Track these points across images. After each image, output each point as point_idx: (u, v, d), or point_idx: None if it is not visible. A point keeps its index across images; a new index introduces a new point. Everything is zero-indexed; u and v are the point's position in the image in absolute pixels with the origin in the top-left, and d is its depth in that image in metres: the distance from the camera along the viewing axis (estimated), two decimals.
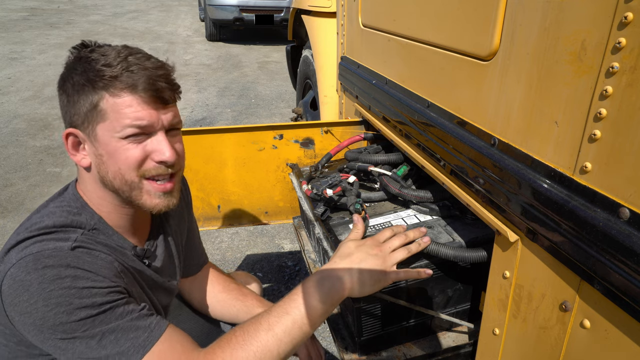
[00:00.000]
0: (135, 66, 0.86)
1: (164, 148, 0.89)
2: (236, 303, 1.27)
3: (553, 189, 0.69)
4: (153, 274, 1.04)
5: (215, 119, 5.10)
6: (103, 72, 0.84)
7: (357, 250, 0.99)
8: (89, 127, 0.87)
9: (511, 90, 0.79)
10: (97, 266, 0.84)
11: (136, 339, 0.82)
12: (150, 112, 0.87)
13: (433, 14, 1.06)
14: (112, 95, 0.84)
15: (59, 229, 0.85)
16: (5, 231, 2.87)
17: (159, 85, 0.87)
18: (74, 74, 0.86)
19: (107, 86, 0.84)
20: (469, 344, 1.20)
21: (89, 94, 0.85)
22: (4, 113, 4.94)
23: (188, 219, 1.26)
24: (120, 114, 0.85)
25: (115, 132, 0.85)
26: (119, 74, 0.84)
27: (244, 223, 1.89)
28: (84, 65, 0.86)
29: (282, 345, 0.87)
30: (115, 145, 0.86)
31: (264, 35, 10.83)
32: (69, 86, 0.87)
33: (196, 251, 1.32)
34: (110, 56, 0.86)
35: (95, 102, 0.85)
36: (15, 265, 0.79)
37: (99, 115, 0.85)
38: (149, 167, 0.90)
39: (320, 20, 2.43)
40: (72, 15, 12.26)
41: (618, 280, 0.58)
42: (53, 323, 0.78)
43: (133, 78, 0.85)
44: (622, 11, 0.55)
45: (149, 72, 0.86)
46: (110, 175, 0.89)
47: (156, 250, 1.08)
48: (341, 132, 1.77)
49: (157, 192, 0.93)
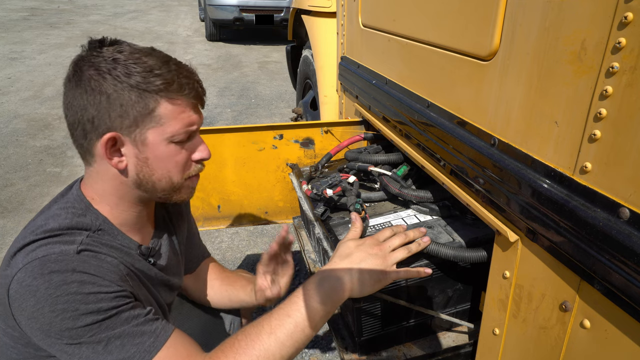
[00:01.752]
0: (182, 72, 0.89)
1: (204, 147, 0.97)
2: (227, 288, 1.30)
3: (553, 189, 0.69)
4: (158, 272, 1.04)
5: (215, 119, 5.10)
6: (155, 76, 0.84)
7: (356, 250, 0.99)
8: (136, 131, 0.86)
9: (511, 90, 0.79)
10: (104, 270, 0.84)
11: (142, 344, 0.83)
12: (197, 116, 0.92)
13: (433, 14, 1.06)
14: (169, 101, 0.86)
15: (64, 231, 0.85)
16: (5, 231, 2.87)
17: (200, 91, 0.93)
18: (116, 76, 0.83)
19: (161, 91, 0.85)
20: (469, 344, 1.20)
21: (144, 98, 0.84)
22: (4, 113, 4.94)
23: (187, 217, 1.27)
24: (176, 119, 0.88)
25: (169, 136, 0.88)
26: (171, 79, 0.86)
27: (244, 223, 1.89)
28: (125, 68, 0.83)
29: (284, 348, 0.87)
30: (165, 149, 0.89)
31: (264, 35, 10.83)
32: (109, 88, 0.83)
33: (196, 248, 1.33)
34: (151, 60, 0.86)
35: (151, 107, 0.85)
36: (22, 270, 0.79)
37: (153, 120, 0.86)
38: (194, 168, 0.97)
39: (320, 20, 2.43)
40: (72, 15, 12.26)
41: (618, 280, 0.58)
42: (59, 328, 0.78)
43: (183, 84, 0.88)
44: (622, 11, 0.55)
45: (192, 78, 0.91)
46: (156, 178, 0.91)
47: (161, 248, 1.08)
48: (341, 132, 1.77)
49: (191, 186, 0.99)
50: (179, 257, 1.17)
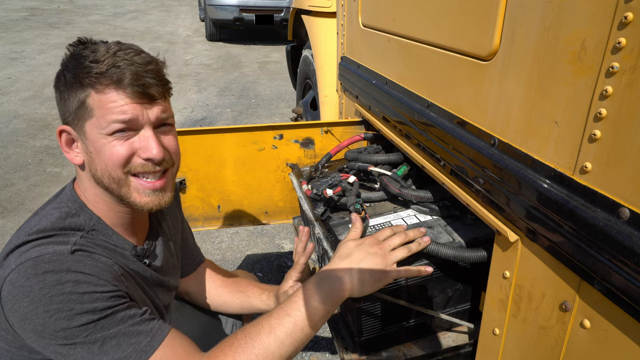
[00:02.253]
0: (122, 62, 0.85)
1: (151, 144, 0.88)
2: (238, 295, 1.29)
3: (553, 189, 0.69)
4: (154, 273, 1.03)
5: (215, 119, 5.10)
6: (90, 68, 0.84)
7: (356, 250, 0.99)
8: (78, 124, 0.87)
9: (511, 90, 0.79)
10: (98, 269, 0.83)
11: (138, 344, 0.82)
12: (134, 106, 0.86)
13: (433, 14, 1.06)
14: (98, 92, 0.84)
15: (57, 231, 0.85)
16: (5, 231, 2.87)
17: (145, 81, 0.86)
18: (66, 72, 0.87)
19: (93, 83, 0.84)
20: (469, 344, 1.20)
21: (77, 91, 0.85)
22: (4, 113, 4.94)
23: (181, 218, 1.27)
24: (104, 109, 0.84)
25: (102, 129, 0.85)
26: (105, 70, 0.84)
27: (244, 223, 1.89)
28: (75, 62, 0.86)
29: (283, 347, 0.87)
30: (102, 142, 0.86)
31: (264, 35, 10.83)
32: (61, 83, 0.87)
33: (191, 250, 1.33)
34: (100, 52, 0.86)
35: (82, 99, 0.85)
36: (14, 271, 0.78)
37: (86, 112, 0.85)
38: (135, 163, 0.89)
39: (320, 20, 2.43)
40: (72, 15, 12.26)
41: (618, 280, 0.57)
42: (54, 329, 0.77)
43: (118, 74, 0.84)
44: (622, 11, 0.55)
45: (136, 67, 0.86)
46: (99, 173, 0.89)
47: (155, 249, 1.08)
48: (341, 132, 1.77)
49: (145, 190, 0.92)
50: (174, 258, 1.17)
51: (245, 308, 1.29)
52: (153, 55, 0.92)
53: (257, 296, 1.27)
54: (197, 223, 1.84)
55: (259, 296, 1.27)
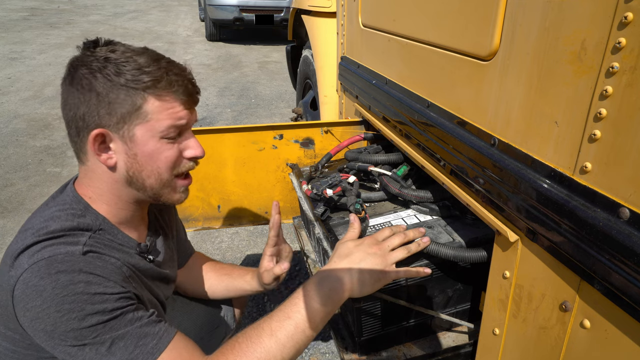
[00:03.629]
0: (172, 69, 0.90)
1: (197, 145, 0.97)
2: (223, 278, 1.33)
3: (553, 189, 0.69)
4: (157, 269, 1.06)
5: (215, 119, 5.10)
6: (144, 74, 0.86)
7: (356, 250, 0.99)
8: (124, 127, 0.88)
9: (511, 90, 0.79)
10: (108, 271, 0.85)
11: (145, 346, 0.83)
12: (186, 112, 0.93)
13: (433, 14, 1.06)
14: (156, 98, 0.87)
15: (67, 232, 0.86)
16: (5, 231, 2.87)
17: (191, 88, 0.94)
18: (106, 75, 0.85)
19: (149, 88, 0.86)
20: (469, 344, 1.20)
21: (131, 96, 0.86)
22: (4, 113, 4.94)
23: (174, 212, 1.30)
24: (163, 114, 0.89)
25: (157, 132, 0.89)
26: (160, 77, 0.87)
27: (244, 223, 1.89)
28: (115, 66, 0.86)
29: (285, 350, 0.87)
30: (154, 145, 0.90)
31: (264, 35, 10.83)
32: (99, 86, 0.85)
33: (184, 244, 1.36)
34: (142, 59, 0.88)
35: (138, 104, 0.86)
36: (27, 270, 0.79)
37: (140, 116, 0.87)
38: (183, 165, 0.97)
39: (320, 20, 2.43)
40: (72, 15, 12.26)
41: (618, 280, 0.58)
42: (64, 329, 0.78)
43: (172, 81, 0.89)
44: (622, 11, 0.55)
45: (183, 75, 0.92)
46: (145, 174, 0.92)
47: (156, 244, 1.10)
48: (341, 132, 1.77)
49: (182, 187, 1.00)
50: (172, 251, 1.20)
51: (231, 290, 1.32)
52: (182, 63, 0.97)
53: (240, 277, 1.30)
54: (197, 223, 1.84)
55: (243, 277, 1.30)
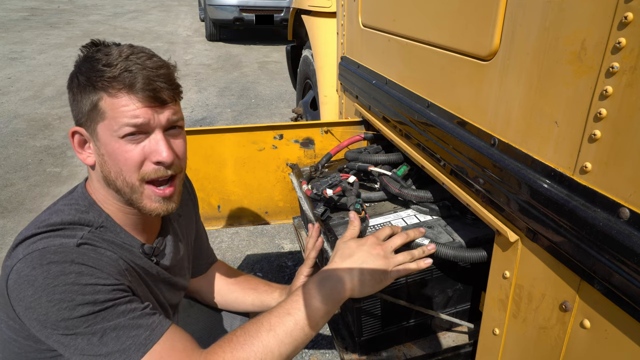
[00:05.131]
0: (135, 66, 0.86)
1: (161, 148, 0.89)
2: (250, 292, 1.31)
3: (553, 189, 0.69)
4: (162, 271, 1.05)
5: (215, 119, 5.10)
6: (103, 72, 0.85)
7: (358, 250, 0.98)
8: (91, 126, 0.89)
9: (511, 90, 0.79)
10: (102, 263, 0.85)
11: (137, 337, 0.83)
12: (146, 110, 0.86)
13: (433, 14, 1.06)
14: (110, 95, 0.86)
15: (66, 226, 0.87)
16: (5, 231, 2.87)
17: (156, 85, 0.87)
18: (79, 74, 0.88)
19: (105, 87, 0.85)
20: (469, 344, 1.20)
21: (90, 94, 0.87)
22: (4, 113, 4.94)
23: (196, 219, 1.28)
24: (117, 113, 0.86)
25: (114, 132, 0.87)
26: (117, 74, 0.85)
27: (244, 223, 1.89)
28: (88, 64, 0.88)
29: (283, 345, 0.87)
30: (115, 145, 0.87)
31: (264, 35, 10.83)
32: (74, 85, 0.89)
33: (205, 251, 1.34)
34: (112, 56, 0.87)
35: (95, 102, 0.86)
36: (21, 260, 0.81)
37: (98, 115, 0.87)
38: (148, 169, 0.90)
39: (320, 20, 2.43)
40: (72, 15, 12.26)
41: (618, 280, 0.58)
42: (55, 319, 0.79)
43: (131, 78, 0.85)
44: (622, 11, 0.55)
45: (148, 71, 0.87)
46: (113, 175, 0.90)
47: (165, 248, 1.09)
48: (341, 132, 1.77)
49: (156, 197, 0.93)
50: (184, 259, 1.17)
51: (257, 305, 1.30)
52: (165, 59, 0.94)
53: (268, 294, 1.29)
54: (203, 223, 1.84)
55: (271, 294, 1.28)
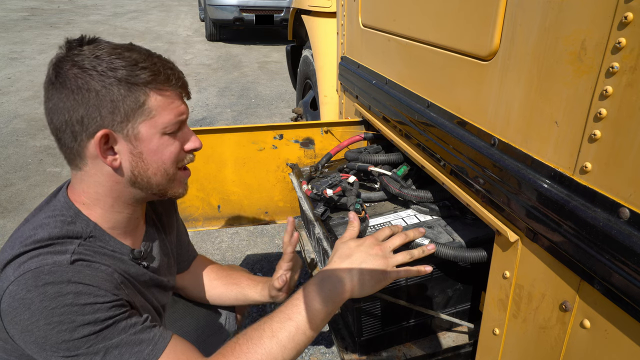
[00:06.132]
0: (165, 63, 0.89)
1: (195, 137, 0.98)
2: (232, 287, 1.31)
3: (553, 189, 0.69)
4: (152, 275, 1.03)
5: (215, 119, 5.10)
6: (141, 69, 0.84)
7: (357, 251, 0.98)
8: (128, 126, 0.85)
9: (511, 90, 0.79)
10: (99, 279, 0.82)
11: (140, 353, 0.82)
12: (185, 106, 0.93)
13: (433, 14, 1.06)
14: (158, 93, 0.86)
15: (55, 241, 0.82)
16: (5, 231, 2.87)
17: (185, 82, 0.93)
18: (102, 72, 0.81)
19: (150, 83, 0.85)
20: (469, 344, 1.20)
21: (133, 92, 0.83)
22: (4, 113, 4.94)
23: (176, 216, 1.27)
24: (166, 110, 0.88)
25: (160, 129, 0.88)
26: (157, 71, 0.86)
27: (244, 223, 1.89)
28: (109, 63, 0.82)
29: (286, 351, 0.87)
30: (159, 141, 0.89)
31: (264, 35, 10.83)
32: (97, 85, 0.81)
33: (186, 246, 1.34)
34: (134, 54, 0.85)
35: (142, 100, 0.84)
36: (14, 283, 0.77)
37: (144, 113, 0.85)
38: (183, 157, 0.96)
39: (320, 20, 2.43)
40: (72, 15, 12.26)
41: (618, 280, 0.58)
42: (55, 341, 0.76)
43: (169, 75, 0.88)
44: (622, 11, 0.55)
45: (175, 69, 0.91)
46: (151, 172, 0.91)
47: (152, 250, 1.08)
48: (341, 132, 1.77)
49: (184, 180, 1.00)
50: (170, 257, 1.17)
51: (240, 300, 1.31)
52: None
53: (251, 288, 1.29)
54: (197, 223, 1.84)
55: (254, 287, 1.28)
